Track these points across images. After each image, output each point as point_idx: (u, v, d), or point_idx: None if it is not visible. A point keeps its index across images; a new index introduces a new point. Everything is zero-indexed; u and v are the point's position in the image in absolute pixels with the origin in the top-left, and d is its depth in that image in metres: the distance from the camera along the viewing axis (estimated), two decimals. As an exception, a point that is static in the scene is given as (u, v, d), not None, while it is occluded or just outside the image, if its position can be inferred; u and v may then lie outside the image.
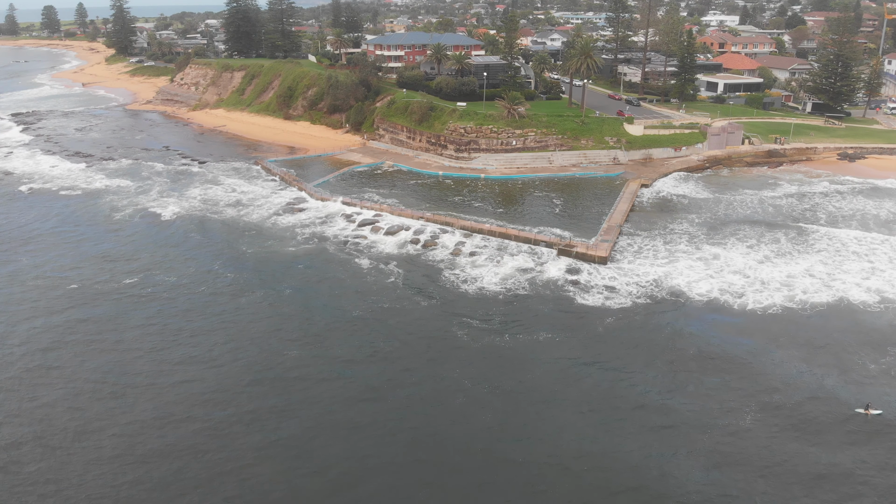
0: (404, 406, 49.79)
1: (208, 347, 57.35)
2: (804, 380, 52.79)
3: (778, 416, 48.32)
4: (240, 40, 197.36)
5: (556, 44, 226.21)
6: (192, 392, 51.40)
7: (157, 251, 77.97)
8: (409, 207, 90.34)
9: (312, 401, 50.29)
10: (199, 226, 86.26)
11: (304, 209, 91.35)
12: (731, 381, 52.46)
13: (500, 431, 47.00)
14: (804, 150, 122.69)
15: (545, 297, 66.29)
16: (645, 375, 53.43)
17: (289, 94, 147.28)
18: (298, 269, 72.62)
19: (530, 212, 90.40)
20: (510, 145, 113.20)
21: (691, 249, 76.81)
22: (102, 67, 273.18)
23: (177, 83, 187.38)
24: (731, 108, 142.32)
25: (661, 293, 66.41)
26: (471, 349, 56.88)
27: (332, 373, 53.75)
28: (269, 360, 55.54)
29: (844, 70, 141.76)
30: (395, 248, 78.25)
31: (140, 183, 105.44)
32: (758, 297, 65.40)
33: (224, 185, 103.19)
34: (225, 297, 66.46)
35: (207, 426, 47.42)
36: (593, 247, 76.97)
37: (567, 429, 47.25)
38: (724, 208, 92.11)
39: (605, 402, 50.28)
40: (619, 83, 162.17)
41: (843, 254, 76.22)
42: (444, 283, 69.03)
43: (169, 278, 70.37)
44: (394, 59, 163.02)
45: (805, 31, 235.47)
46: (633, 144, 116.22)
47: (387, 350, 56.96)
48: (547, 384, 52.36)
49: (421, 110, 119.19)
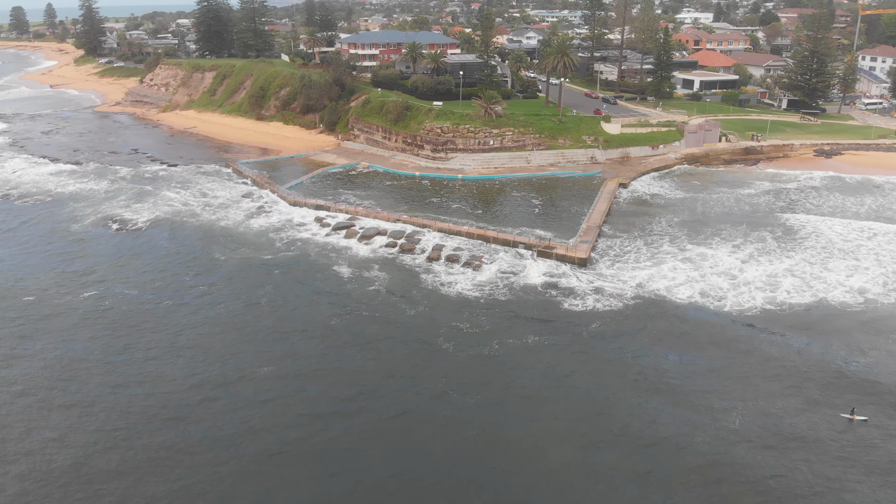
0: (385, 420, 47.80)
1: (164, 362, 54.77)
2: (796, 383, 51.83)
3: (768, 426, 47.19)
4: (211, 40, 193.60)
5: (532, 42, 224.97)
6: (139, 409, 48.90)
7: (120, 261, 74.98)
8: (386, 209, 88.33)
9: (280, 416, 48.11)
10: (167, 233, 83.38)
11: (276, 213, 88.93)
12: (722, 385, 51.28)
13: (485, 445, 45.22)
14: (781, 147, 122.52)
15: (527, 301, 64.67)
16: (632, 387, 52.03)
17: (261, 95, 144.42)
18: (270, 277, 70.19)
19: (509, 213, 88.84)
20: (487, 145, 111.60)
21: (674, 250, 75.61)
22: (71, 69, 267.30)
23: (146, 84, 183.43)
24: (707, 105, 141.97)
25: (643, 296, 65.10)
26: (456, 359, 54.91)
27: (303, 386, 51.63)
28: (231, 374, 52.91)
29: (819, 66, 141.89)
30: (372, 252, 76.19)
31: (107, 187, 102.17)
32: (740, 300, 64.39)
33: (194, 189, 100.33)
34: (189, 308, 63.78)
35: (155, 450, 45.01)
36: (573, 248, 75.58)
37: (556, 442, 45.68)
38: (703, 206, 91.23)
39: (593, 415, 48.78)
40: (595, 81, 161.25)
41: (829, 250, 75.69)
42: (424, 289, 67.16)
43: (130, 291, 67.35)
44: (368, 59, 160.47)
45: (779, 27, 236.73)
46: (610, 143, 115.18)
47: (366, 361, 54.86)
48: (535, 393, 50.55)
49: (396, 110, 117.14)
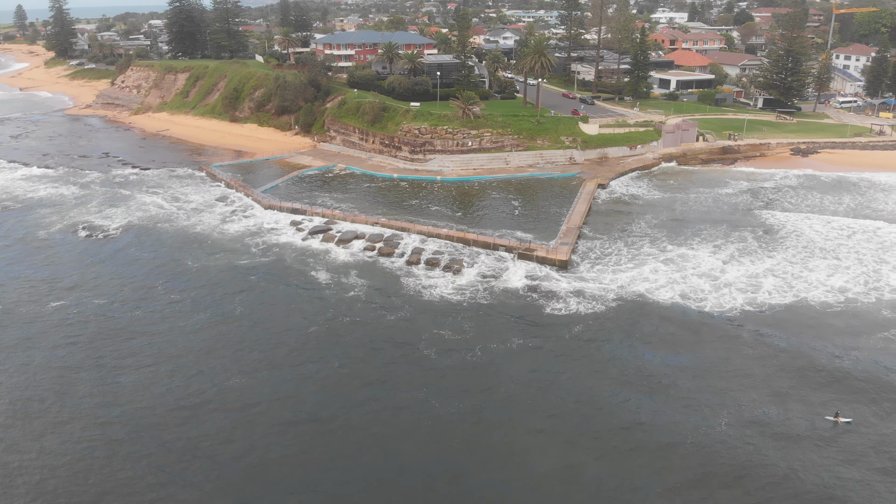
0: (363, 431, 46.38)
1: (130, 373, 53.06)
2: (781, 388, 51.31)
3: (753, 426, 46.57)
4: (183, 41, 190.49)
5: (509, 42, 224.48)
6: (101, 421, 47.21)
7: (89, 268, 72.67)
8: (364, 212, 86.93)
9: (252, 428, 46.65)
10: (139, 239, 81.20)
11: (251, 217, 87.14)
12: (705, 386, 50.63)
13: (468, 455, 44.06)
14: (758, 146, 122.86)
15: (508, 305, 63.61)
16: (616, 390, 51.21)
17: (235, 96, 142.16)
18: (244, 284, 68.40)
19: (489, 214, 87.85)
20: (466, 146, 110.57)
21: (654, 252, 74.98)
22: (42, 71, 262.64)
23: (118, 86, 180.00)
24: (684, 104, 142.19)
25: (625, 298, 64.36)
26: (437, 365, 53.59)
27: (279, 398, 50.07)
28: (202, 387, 51.19)
29: (794, 65, 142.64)
30: (350, 256, 74.76)
31: (78, 193, 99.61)
32: (721, 301, 63.95)
33: (167, 194, 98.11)
34: (159, 317, 61.89)
35: (121, 461, 43.53)
36: (553, 250, 74.74)
37: (541, 450, 44.68)
38: (682, 207, 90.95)
39: (579, 420, 47.87)
40: (573, 82, 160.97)
41: (809, 249, 75.59)
42: (405, 294, 65.84)
43: (98, 300, 65.18)
44: (344, 59, 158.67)
45: (753, 27, 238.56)
46: (588, 144, 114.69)
47: (343, 371, 53.45)
48: (518, 400, 49.37)
49: (373, 111, 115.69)
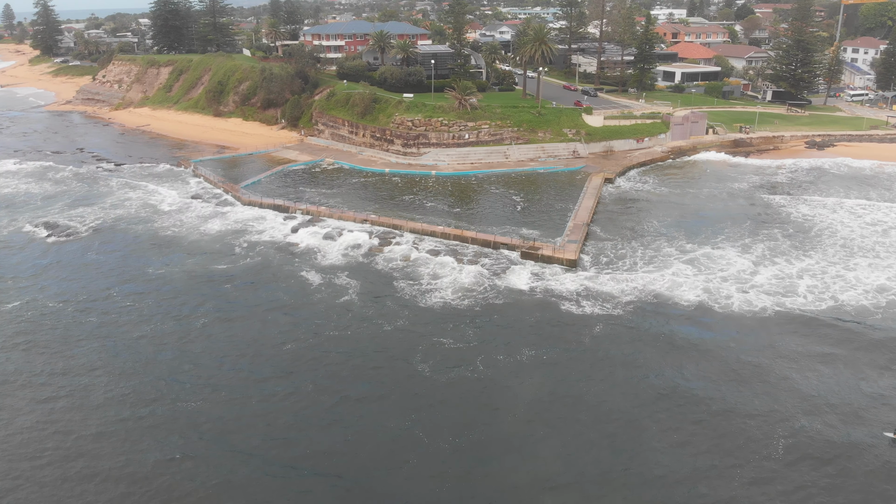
0: (336, 471, 39.05)
1: (77, 390, 46.24)
2: (826, 396, 44.53)
3: (799, 448, 39.80)
4: (168, 35, 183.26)
5: (506, 36, 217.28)
6: (37, 439, 40.68)
7: (49, 272, 65.48)
8: (353, 209, 79.99)
9: (210, 458, 39.78)
10: (107, 240, 73.82)
11: (230, 214, 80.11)
12: (749, 405, 43.82)
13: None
14: (771, 139, 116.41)
15: (511, 311, 56.63)
16: (644, 415, 44.40)
17: (219, 90, 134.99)
18: (218, 289, 61.13)
19: (488, 211, 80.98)
20: (462, 139, 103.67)
21: (673, 251, 67.99)
22: (25, 69, 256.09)
23: (98, 81, 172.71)
24: (691, 97, 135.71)
25: (644, 301, 57.56)
26: (430, 385, 46.33)
27: (241, 421, 43.03)
28: (154, 407, 44.37)
29: (805, 56, 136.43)
30: (337, 257, 67.67)
31: (46, 190, 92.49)
32: (753, 305, 57.17)
33: (141, 190, 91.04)
34: (115, 328, 54.75)
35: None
36: (560, 248, 67.90)
37: (555, 497, 37.85)
38: (696, 202, 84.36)
39: (604, 454, 41.02)
40: (573, 74, 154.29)
41: (848, 248, 69.02)
42: (397, 298, 58.83)
43: (55, 303, 58.24)
44: (333, 50, 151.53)
45: (757, 20, 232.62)
46: (593, 136, 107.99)
47: (321, 394, 46.09)
48: (531, 437, 41.45)
49: (364, 102, 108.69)
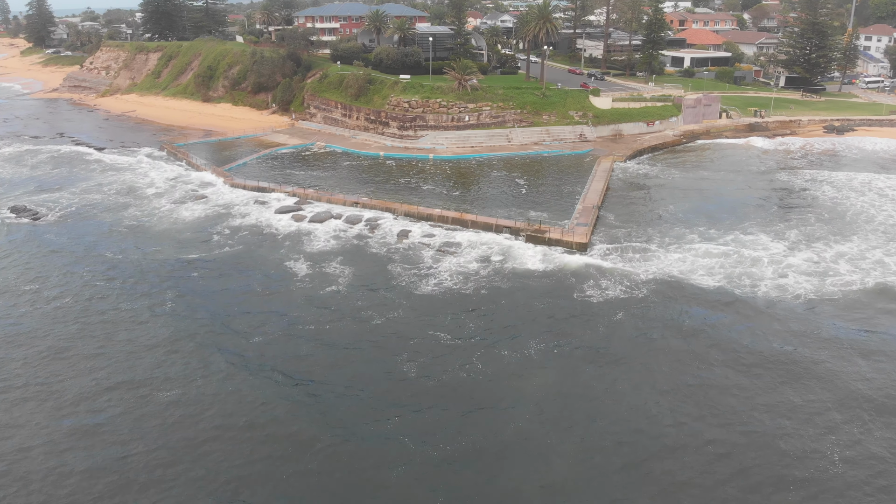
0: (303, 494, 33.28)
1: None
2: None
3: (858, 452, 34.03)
4: (160, 22, 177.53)
5: (508, 24, 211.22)
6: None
7: (6, 259, 59.90)
8: (344, 192, 74.13)
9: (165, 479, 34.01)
10: (77, 227, 67.40)
11: (212, 198, 74.20)
12: (791, 410, 38.04)
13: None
14: (787, 124, 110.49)
15: (518, 298, 50.80)
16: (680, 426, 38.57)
17: (209, 74, 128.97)
18: (188, 281, 54.78)
19: (490, 194, 75.15)
20: (462, 121, 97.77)
21: (695, 237, 62.05)
22: (16, 60, 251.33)
23: (86, 68, 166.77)
24: (702, 81, 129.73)
25: (664, 289, 51.77)
26: (420, 388, 40.19)
27: (196, 435, 37.27)
28: (91, 420, 38.64)
29: (820, 39, 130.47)
30: (325, 241, 61.74)
31: (17, 172, 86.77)
32: (786, 293, 51.37)
33: (120, 174, 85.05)
34: (70, 312, 49.44)
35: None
36: (569, 231, 62.05)
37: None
38: (714, 186, 78.54)
39: (630, 475, 35.25)
40: (578, 59, 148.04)
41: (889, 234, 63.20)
42: (388, 286, 53.00)
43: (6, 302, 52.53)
44: (328, 32, 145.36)
45: (765, 8, 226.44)
46: (600, 119, 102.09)
47: (299, 406, 40.06)
48: (534, 447, 35.48)
49: (358, 83, 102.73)
